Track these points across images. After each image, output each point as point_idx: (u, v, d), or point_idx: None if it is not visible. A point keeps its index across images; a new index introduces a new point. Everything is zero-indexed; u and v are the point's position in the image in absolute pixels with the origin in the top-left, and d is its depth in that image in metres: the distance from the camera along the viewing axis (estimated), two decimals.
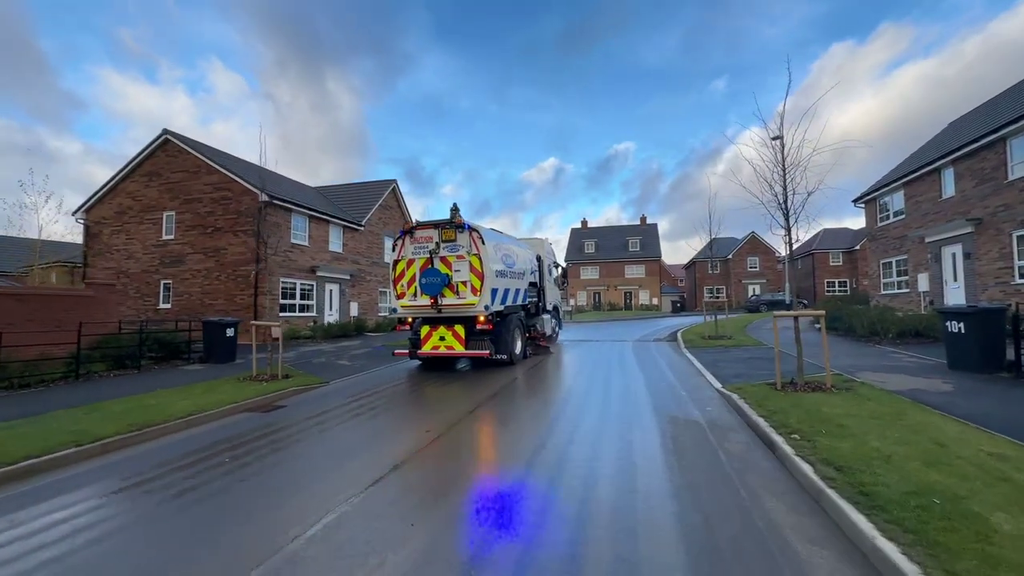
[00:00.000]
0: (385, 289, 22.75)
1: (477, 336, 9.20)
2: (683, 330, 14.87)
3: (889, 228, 15.75)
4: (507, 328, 9.54)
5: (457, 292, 8.89)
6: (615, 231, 54.49)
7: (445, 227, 9.09)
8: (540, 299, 12.40)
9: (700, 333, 12.88)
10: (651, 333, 15.26)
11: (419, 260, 9.11)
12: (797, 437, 4.18)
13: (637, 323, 23.37)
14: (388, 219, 23.04)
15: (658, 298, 46.60)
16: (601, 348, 11.01)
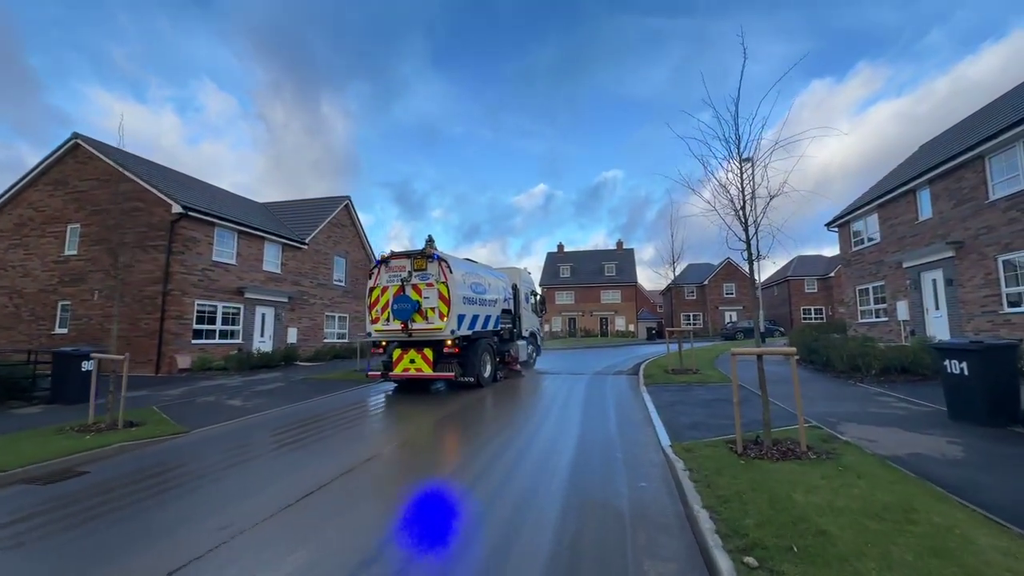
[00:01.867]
0: (333, 313, 21.28)
1: (445, 359, 9.50)
2: (648, 361, 13.89)
3: (864, 253, 15.21)
4: (475, 352, 9.86)
5: (426, 317, 9.28)
6: (591, 256, 54.51)
7: (417, 257, 9.58)
8: (515, 325, 12.82)
9: (665, 366, 11.77)
10: (616, 364, 14.33)
11: (392, 287, 9.57)
12: (753, 562, 2.85)
13: (606, 351, 22.68)
14: (339, 238, 22.26)
15: (634, 324, 46.29)
16: (555, 382, 10.22)
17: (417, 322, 9.46)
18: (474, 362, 9.88)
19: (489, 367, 10.60)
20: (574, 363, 15.40)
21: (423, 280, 9.63)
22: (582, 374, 11.65)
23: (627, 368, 13.03)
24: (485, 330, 10.79)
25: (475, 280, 10.73)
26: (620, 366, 13.78)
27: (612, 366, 13.75)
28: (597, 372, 12.03)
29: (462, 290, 9.89)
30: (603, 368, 13.14)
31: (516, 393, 9.11)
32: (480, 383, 9.99)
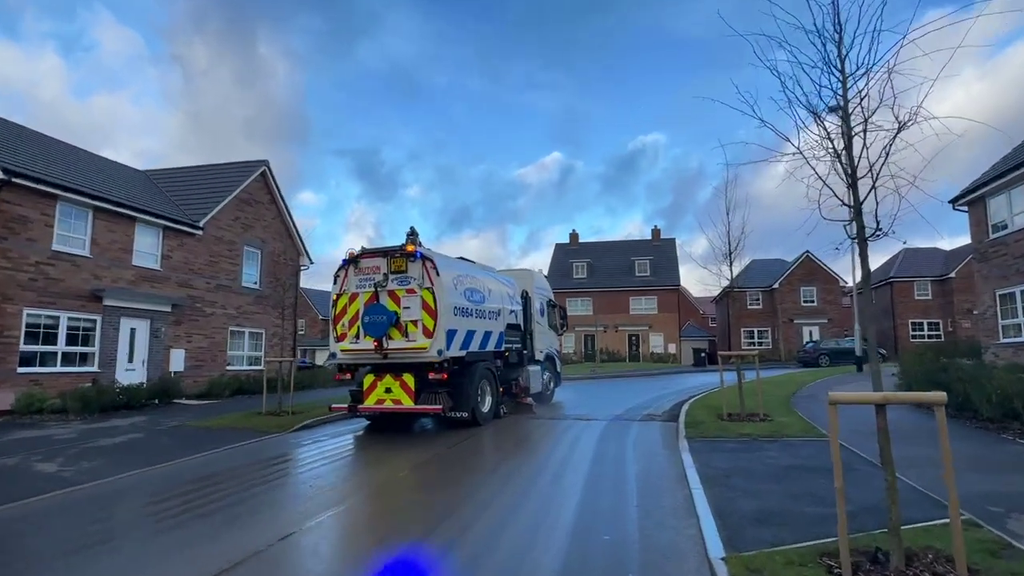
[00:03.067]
0: (241, 328, 20.71)
1: (430, 388, 10.18)
2: (694, 399, 13.80)
3: (1008, 243, 14.46)
4: (470, 379, 10.57)
5: (406, 333, 9.98)
6: (616, 248, 54.62)
7: (395, 255, 10.20)
8: (525, 345, 13.75)
9: (717, 407, 11.52)
10: (646, 403, 14.37)
11: (363, 295, 10.28)
12: None
13: (637, 383, 22.90)
14: (253, 220, 21.76)
15: (676, 344, 46.65)
16: (553, 432, 10.17)
17: (395, 339, 10.05)
18: (468, 392, 10.48)
19: (489, 399, 11.32)
20: (588, 399, 15.52)
21: (403, 285, 10.20)
22: (593, 419, 11.62)
23: (662, 410, 13.07)
24: (484, 350, 11.44)
25: (471, 285, 11.23)
26: (652, 406, 13.67)
27: (641, 406, 13.60)
28: (617, 416, 12.08)
29: (453, 298, 10.40)
30: (627, 409, 12.98)
31: (514, 439, 9.18)
32: (476, 420, 10.60)
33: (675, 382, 22.66)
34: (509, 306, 13.11)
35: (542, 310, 15.57)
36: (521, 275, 15.14)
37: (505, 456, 8.26)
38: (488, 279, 12.47)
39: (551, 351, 16.16)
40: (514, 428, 10.59)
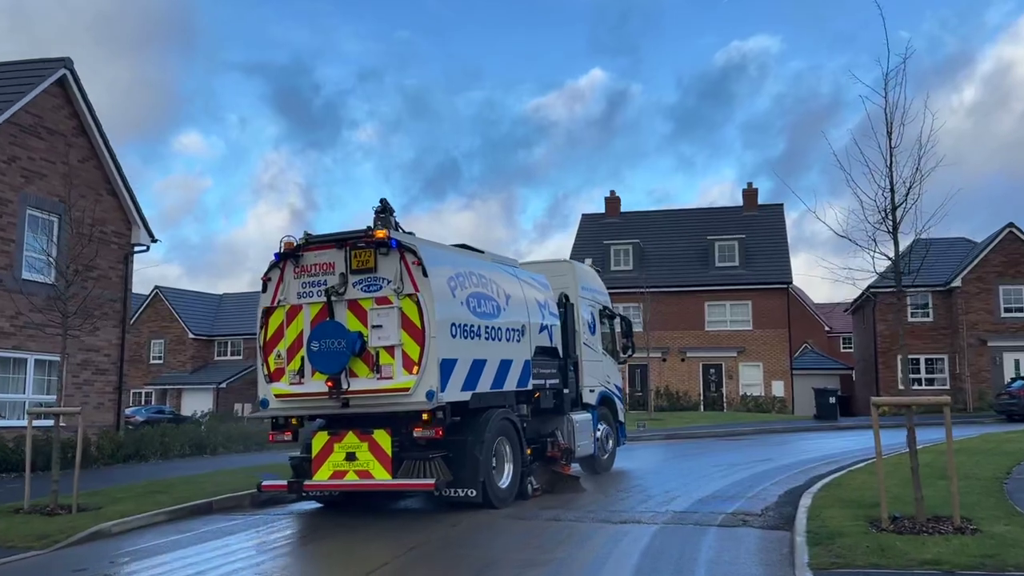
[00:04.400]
0: (17, 355, 20.89)
1: (416, 451, 11.16)
2: (821, 483, 13.40)
3: None
4: (477, 436, 11.60)
5: (377, 368, 11.06)
6: (682, 221, 56.02)
7: (357, 245, 11.27)
8: (566, 380, 15.02)
9: (868, 498, 10.98)
10: (733, 488, 14.29)
11: (310, 308, 11.46)
12: None
13: (718, 449, 23.56)
14: (43, 162, 21.61)
15: (786, 381, 47.40)
16: (548, 547, 9.85)
17: (360, 377, 11.10)
18: (475, 456, 11.39)
19: (509, 468, 12.40)
20: (629, 478, 16.18)
21: (370, 292, 11.21)
22: (632, 520, 11.31)
23: (764, 504, 12.49)
24: (500, 390, 12.60)
25: (478, 289, 12.38)
26: (744, 494, 13.61)
27: (725, 494, 13.65)
28: (679, 513, 11.65)
29: (451, 310, 11.44)
30: (698, 500, 12.94)
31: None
32: (489, 499, 11.54)
33: (785, 448, 23.03)
34: (540, 319, 14.18)
35: (592, 324, 16.84)
36: (558, 270, 16.44)
37: None
38: (505, 278, 13.55)
39: (609, 388, 17.54)
40: (502, 531, 10.78)
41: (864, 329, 51.45)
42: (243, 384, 57.87)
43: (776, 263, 49.16)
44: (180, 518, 12.18)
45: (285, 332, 11.56)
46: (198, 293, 66.55)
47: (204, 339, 61.53)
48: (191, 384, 58.81)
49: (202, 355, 61.24)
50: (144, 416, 41.25)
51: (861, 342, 54.29)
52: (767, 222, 52.67)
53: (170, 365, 60.66)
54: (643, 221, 55.89)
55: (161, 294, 61.11)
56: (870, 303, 47.04)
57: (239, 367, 59.40)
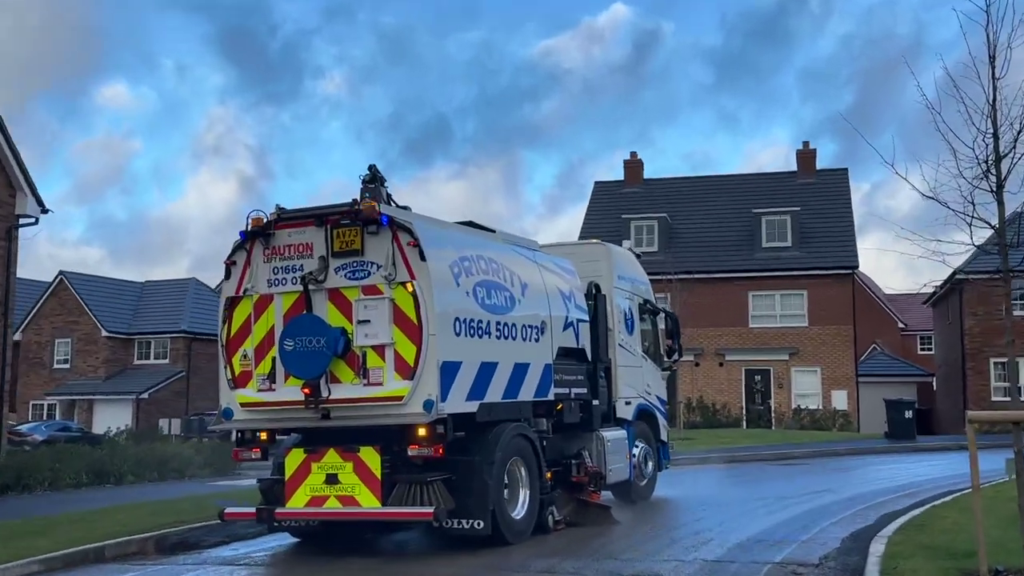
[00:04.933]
0: None
1: (411, 473, 11.52)
2: (899, 526, 13.24)
3: None
4: (486, 456, 11.93)
5: (364, 372, 11.41)
6: (721, 190, 56.26)
7: (340, 222, 11.69)
8: (595, 388, 15.55)
9: (963, 548, 10.73)
10: (782, 528, 14.29)
11: (283, 298, 11.89)
12: None
13: (765, 476, 24.20)
14: None
15: (850, 391, 47.55)
16: None
17: (343, 383, 11.39)
18: (483, 480, 11.70)
19: (525, 496, 12.85)
20: (655, 510, 16.81)
21: (356, 279, 11.50)
22: (650, 572, 11.05)
23: (823, 551, 12.26)
24: (514, 399, 13.01)
25: (488, 276, 12.78)
26: (797, 536, 13.49)
27: (772, 536, 13.56)
28: (714, 562, 11.51)
29: (454, 301, 11.78)
30: (738, 543, 12.87)
31: None
32: (501, 533, 11.91)
33: (849, 476, 23.39)
34: (564, 313, 14.52)
35: (630, 320, 17.46)
36: (588, 254, 17.17)
37: None
38: (521, 263, 13.97)
39: (650, 400, 18.16)
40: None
41: (949, 326, 51.53)
42: (170, 395, 57.85)
43: (838, 243, 49.16)
44: (59, 568, 11.83)
45: (253, 328, 11.84)
46: (114, 281, 66.27)
47: (121, 338, 61.22)
48: (105, 394, 58.55)
49: (119, 358, 60.93)
50: (44, 434, 40.86)
51: (944, 342, 54.52)
52: (828, 192, 52.77)
53: (79, 370, 60.40)
54: (671, 190, 56.04)
55: (67, 281, 60.84)
56: (956, 292, 47.16)
57: (165, 374, 59.25)
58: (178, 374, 59.17)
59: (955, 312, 48.28)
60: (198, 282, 66.81)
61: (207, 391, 60.22)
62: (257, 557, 12.46)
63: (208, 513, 15.91)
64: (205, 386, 60.17)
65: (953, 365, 49.54)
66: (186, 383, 59.73)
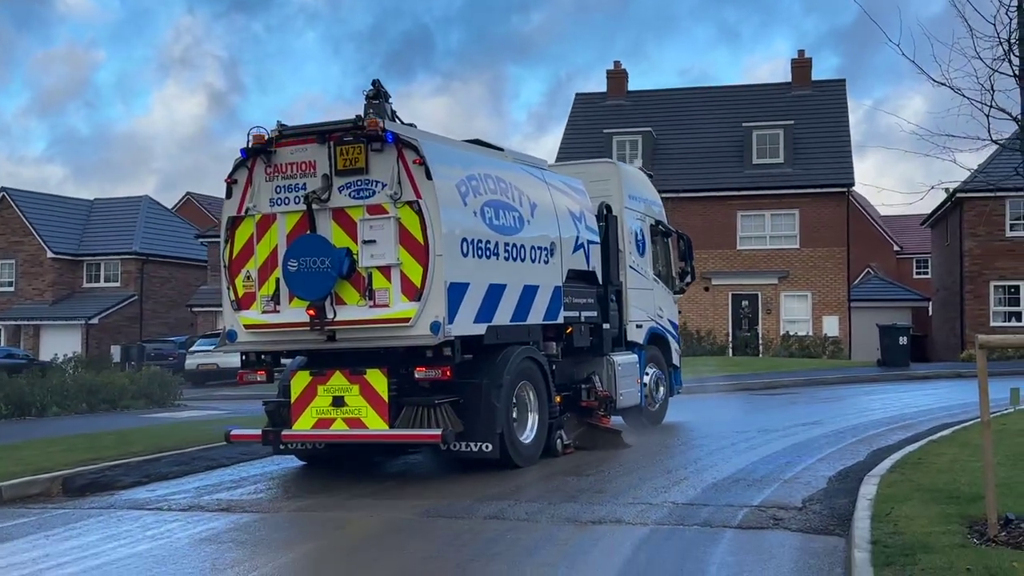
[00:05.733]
0: None
1: (418, 395, 12.24)
2: (894, 464, 12.94)
3: None
4: (494, 379, 12.63)
5: (370, 293, 11.96)
6: (710, 102, 55.94)
7: (343, 140, 12.07)
8: (606, 311, 16.08)
9: (966, 490, 10.49)
10: (764, 465, 14.06)
11: (286, 218, 12.42)
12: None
13: (749, 407, 24.09)
14: None
15: (842, 316, 47.91)
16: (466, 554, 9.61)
17: (349, 304, 11.80)
18: (491, 403, 12.26)
19: (534, 420, 13.48)
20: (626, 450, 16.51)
21: (361, 199, 11.82)
22: (609, 519, 10.74)
23: (808, 491, 11.97)
24: (523, 323, 13.53)
25: (496, 196, 13.19)
26: (780, 474, 13.30)
27: (751, 474, 13.35)
28: (684, 506, 11.23)
29: (462, 222, 12.21)
30: (712, 484, 12.69)
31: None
32: (508, 456, 12.56)
33: (839, 406, 23.23)
34: (574, 235, 14.90)
35: (641, 242, 17.89)
36: (599, 173, 17.48)
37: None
38: (531, 182, 14.33)
39: (661, 324, 18.77)
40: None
41: (947, 247, 51.31)
42: (122, 320, 57.50)
43: (833, 159, 48.71)
44: None
45: (255, 248, 12.19)
46: (61, 199, 65.12)
47: (69, 260, 60.47)
48: (52, 319, 58.05)
49: (66, 281, 60.21)
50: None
51: (942, 264, 54.39)
52: (823, 105, 52.12)
53: (24, 294, 59.75)
54: (657, 103, 55.29)
55: (10, 199, 59.89)
56: (956, 212, 47.07)
57: (116, 298, 58.84)
58: (130, 298, 58.56)
59: (954, 233, 48.11)
60: (151, 200, 65.85)
61: (162, 316, 59.89)
62: (174, 500, 11.83)
63: (132, 449, 15.51)
64: (160, 311, 59.99)
65: (951, 289, 49.55)
66: (139, 308, 59.20)
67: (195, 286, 59.13)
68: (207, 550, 9.18)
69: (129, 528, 10.36)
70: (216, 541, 9.53)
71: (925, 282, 65.02)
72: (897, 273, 69.75)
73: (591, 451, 14.74)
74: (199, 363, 42.20)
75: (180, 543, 9.54)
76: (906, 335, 39.19)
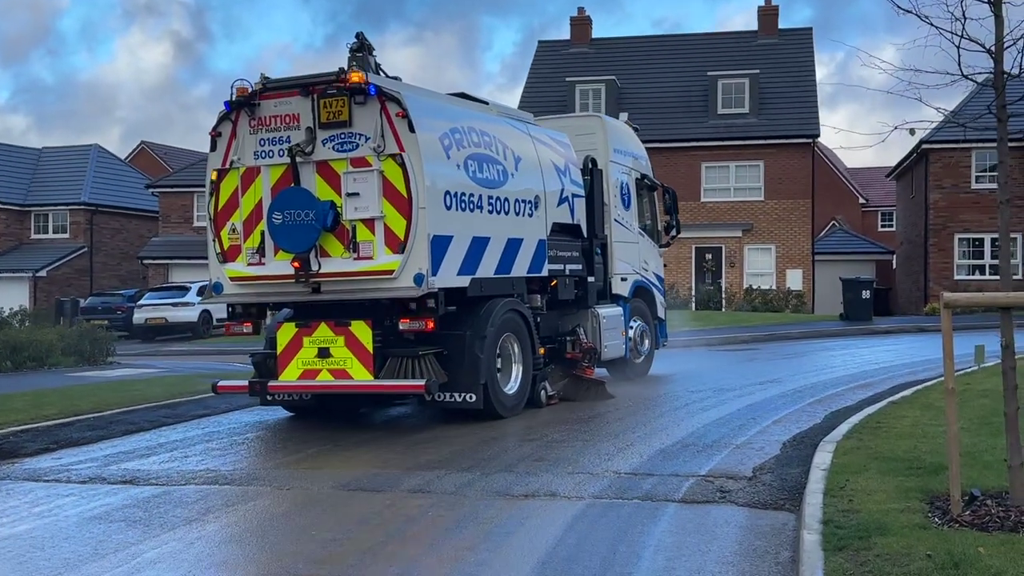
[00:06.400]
0: None
1: (403, 347, 12.69)
2: (852, 428, 12.65)
3: None
4: (477, 330, 13.14)
5: (354, 245, 12.31)
6: (675, 52, 55.94)
7: (327, 92, 12.34)
8: (591, 265, 16.67)
9: (927, 460, 10.13)
10: (713, 430, 13.76)
11: (270, 170, 12.74)
12: None
13: (706, 364, 24.05)
14: None
15: (805, 270, 47.99)
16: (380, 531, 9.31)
17: (333, 257, 12.18)
18: (475, 354, 12.69)
19: (518, 371, 13.92)
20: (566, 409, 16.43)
21: (344, 152, 12.10)
22: (544, 490, 10.43)
23: (760, 459, 11.64)
24: (507, 275, 13.92)
25: (480, 149, 13.49)
26: (731, 439, 13.00)
27: (699, 440, 13.02)
28: (626, 476, 10.86)
29: (446, 174, 12.50)
30: (659, 451, 12.30)
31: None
32: (492, 406, 13.07)
33: (800, 363, 23.14)
34: (558, 188, 15.32)
35: (627, 196, 18.28)
36: (584, 127, 17.91)
37: None
38: (515, 135, 14.64)
39: (647, 277, 19.28)
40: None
41: (912, 200, 51.03)
42: (72, 272, 56.19)
43: (799, 110, 48.34)
44: None
45: (240, 201, 12.46)
46: (7, 147, 62.95)
47: (15, 210, 58.62)
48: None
49: (13, 232, 58.53)
50: None
51: (906, 217, 54.35)
52: (790, 54, 51.72)
53: None
54: (621, 51, 54.57)
55: None
56: (922, 163, 46.90)
57: (65, 249, 57.37)
58: (79, 250, 57.04)
59: (920, 185, 47.97)
60: (101, 149, 63.91)
61: (114, 269, 58.68)
62: (76, 471, 11.05)
63: (45, 412, 14.87)
64: (110, 263, 58.75)
65: (915, 242, 49.43)
66: (88, 260, 57.78)
67: (147, 238, 57.86)
68: (94, 531, 8.48)
69: (16, 504, 9.67)
70: (107, 520, 8.83)
71: (890, 235, 65.15)
72: (862, 226, 69.75)
73: (572, 403, 15.19)
74: (147, 317, 41.03)
75: (67, 522, 8.88)
76: (869, 289, 39.32)
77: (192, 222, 53.44)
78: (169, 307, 41.01)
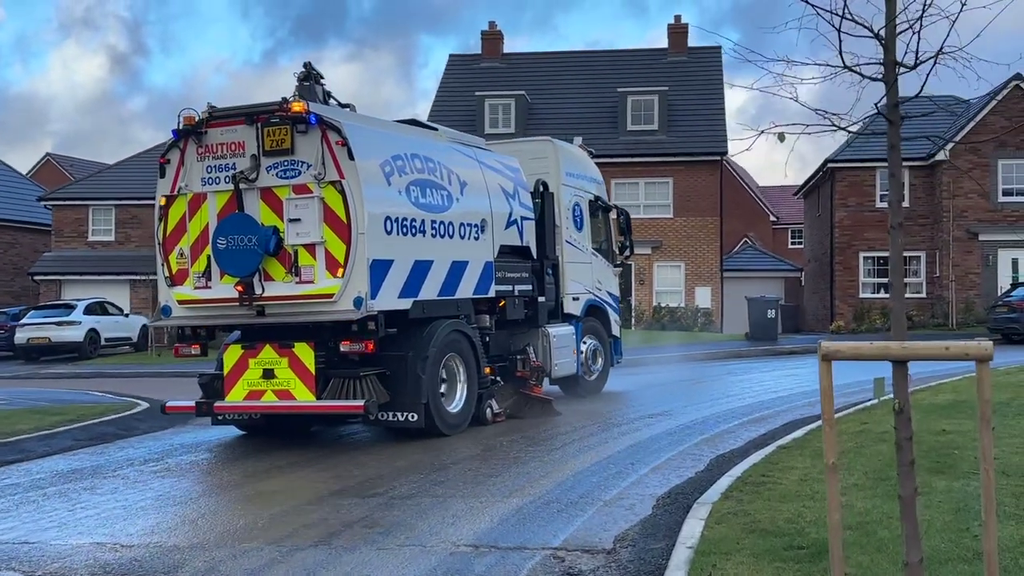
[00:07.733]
0: None
1: (345, 368, 13.11)
2: (732, 485, 11.78)
3: None
4: (418, 351, 13.54)
5: (296, 270, 12.72)
6: (587, 68, 55.76)
7: (270, 121, 12.71)
8: (542, 285, 17.32)
9: (812, 534, 9.31)
10: (573, 486, 12.64)
11: (216, 197, 13.11)
12: None
13: (591, 398, 22.15)
14: None
15: (714, 287, 47.89)
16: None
17: (276, 280, 12.67)
18: (416, 375, 13.29)
19: (463, 390, 14.63)
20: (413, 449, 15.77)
21: (287, 178, 12.62)
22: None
23: (626, 525, 10.35)
24: (450, 297, 14.64)
25: (422, 176, 14.17)
26: (596, 494, 11.93)
27: (560, 491, 12.07)
28: (451, 556, 9.55)
29: (383, 200, 13.10)
30: (506, 519, 10.87)
31: None
32: (435, 424, 13.64)
33: (698, 390, 22.69)
34: (506, 211, 15.78)
35: (579, 218, 18.87)
36: (535, 151, 18.53)
37: None
38: (461, 161, 15.15)
39: (600, 296, 19.75)
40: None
41: (819, 218, 51.24)
42: None
43: (708, 127, 48.23)
44: None
45: (188, 226, 12.82)
46: None
47: None
48: None
49: None
50: None
51: (814, 235, 54.59)
52: (699, 71, 51.59)
53: None
54: (532, 66, 54.21)
55: None
56: (828, 182, 47.02)
57: None
58: None
59: (826, 203, 48.23)
60: None
61: (6, 284, 56.14)
62: None
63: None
64: (3, 279, 56.40)
65: (822, 260, 49.58)
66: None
67: (41, 252, 55.20)
68: None
69: None
70: None
71: (801, 253, 65.45)
72: (773, 244, 70.19)
73: (521, 419, 15.62)
74: (29, 336, 38.91)
75: None
76: (774, 308, 39.20)
77: (87, 236, 50.67)
78: (53, 326, 38.74)
